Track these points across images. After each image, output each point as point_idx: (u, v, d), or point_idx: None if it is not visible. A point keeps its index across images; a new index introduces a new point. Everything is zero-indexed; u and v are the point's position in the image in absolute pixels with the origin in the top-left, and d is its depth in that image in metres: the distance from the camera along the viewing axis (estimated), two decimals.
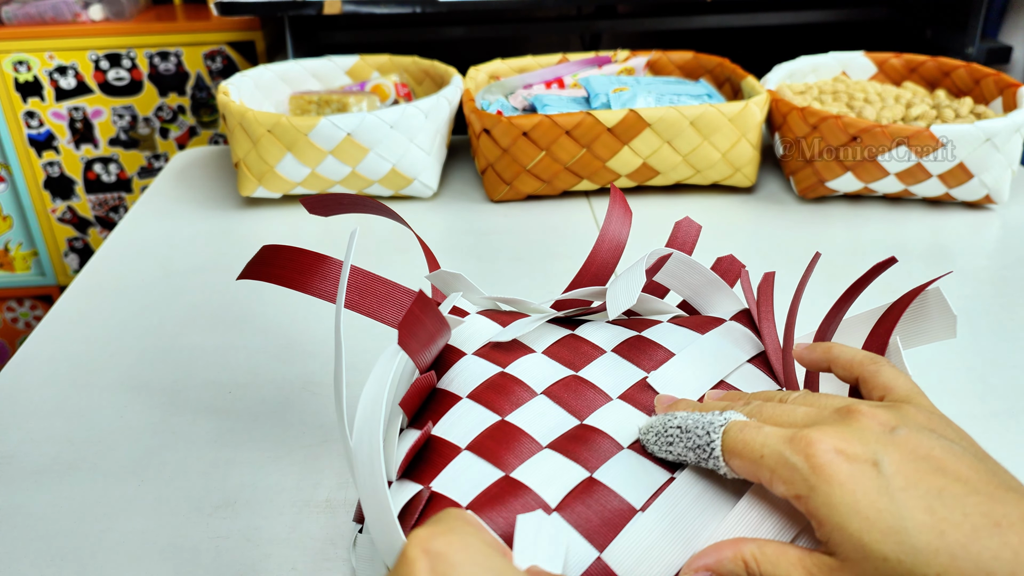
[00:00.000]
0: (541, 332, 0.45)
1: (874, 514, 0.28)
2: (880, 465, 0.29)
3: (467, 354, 0.43)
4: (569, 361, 0.43)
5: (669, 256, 0.46)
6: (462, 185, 0.93)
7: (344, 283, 0.37)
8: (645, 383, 0.41)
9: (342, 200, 0.45)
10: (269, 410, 0.56)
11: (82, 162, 1.55)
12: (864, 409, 0.32)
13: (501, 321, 0.46)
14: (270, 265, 0.41)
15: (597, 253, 0.49)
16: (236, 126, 0.82)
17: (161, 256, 0.78)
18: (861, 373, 0.37)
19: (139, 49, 1.46)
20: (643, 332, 0.45)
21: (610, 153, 0.82)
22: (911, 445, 0.30)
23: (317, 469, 0.50)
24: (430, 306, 0.37)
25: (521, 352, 0.43)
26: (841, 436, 0.30)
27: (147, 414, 0.56)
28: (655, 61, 1.02)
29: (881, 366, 0.37)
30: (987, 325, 0.64)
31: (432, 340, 0.39)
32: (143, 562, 0.44)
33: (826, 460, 0.29)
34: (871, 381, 0.36)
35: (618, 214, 0.50)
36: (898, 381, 0.36)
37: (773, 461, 0.31)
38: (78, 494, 0.49)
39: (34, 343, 0.64)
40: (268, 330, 0.65)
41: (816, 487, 0.29)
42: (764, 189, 0.90)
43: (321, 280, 0.41)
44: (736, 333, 0.45)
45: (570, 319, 0.47)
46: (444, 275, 0.47)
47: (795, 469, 0.30)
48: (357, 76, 1.01)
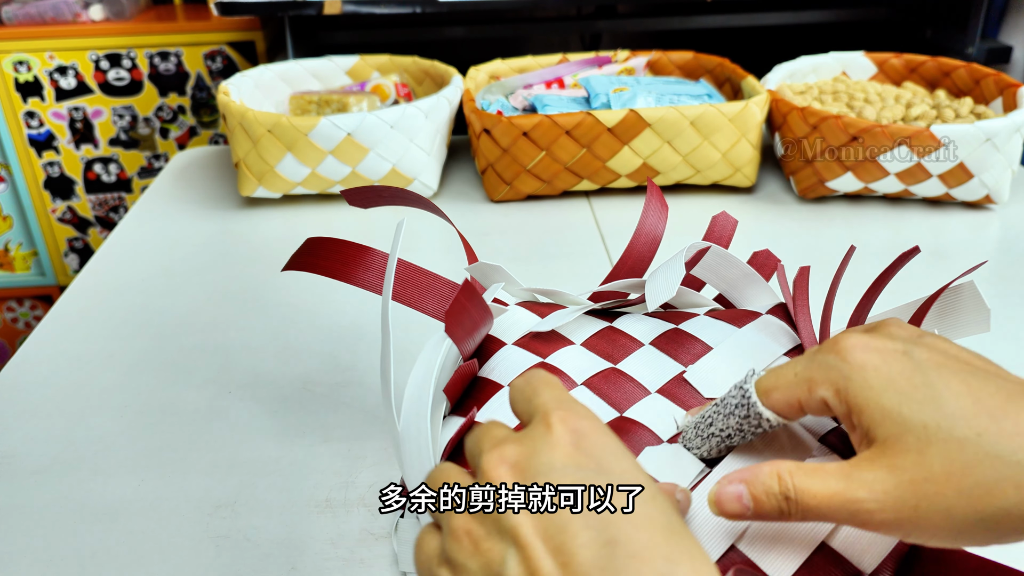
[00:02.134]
0: (579, 324, 0.45)
1: (910, 388, 0.29)
2: (910, 353, 0.30)
3: (507, 344, 0.44)
4: (608, 353, 0.43)
5: (707, 250, 0.46)
6: (462, 185, 0.93)
7: (391, 273, 0.38)
8: (682, 377, 0.41)
9: (382, 192, 0.46)
10: (269, 410, 0.56)
11: (82, 162, 1.55)
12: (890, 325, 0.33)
13: (540, 312, 0.46)
14: (315, 256, 0.43)
15: (634, 247, 0.49)
16: (236, 126, 0.82)
17: (161, 256, 0.78)
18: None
19: (139, 49, 1.46)
20: (680, 325, 0.45)
21: (610, 153, 0.82)
22: (939, 347, 0.31)
23: (317, 469, 0.50)
24: (476, 296, 0.38)
25: (560, 343, 0.43)
26: (870, 337, 0.31)
27: (147, 414, 0.56)
28: (655, 61, 1.02)
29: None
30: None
31: (476, 328, 0.40)
32: (143, 562, 0.44)
33: (859, 351, 0.31)
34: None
35: (655, 208, 0.50)
36: None
37: (807, 370, 0.32)
38: (78, 494, 0.49)
39: (34, 343, 0.64)
40: (268, 330, 0.65)
41: (851, 375, 0.30)
42: (764, 189, 0.90)
43: (364, 271, 0.42)
44: (773, 327, 0.45)
45: (608, 311, 0.47)
46: (484, 267, 0.48)
47: (830, 366, 0.31)
48: (357, 76, 1.01)
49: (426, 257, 0.52)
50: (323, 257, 0.43)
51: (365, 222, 0.83)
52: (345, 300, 0.68)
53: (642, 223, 0.49)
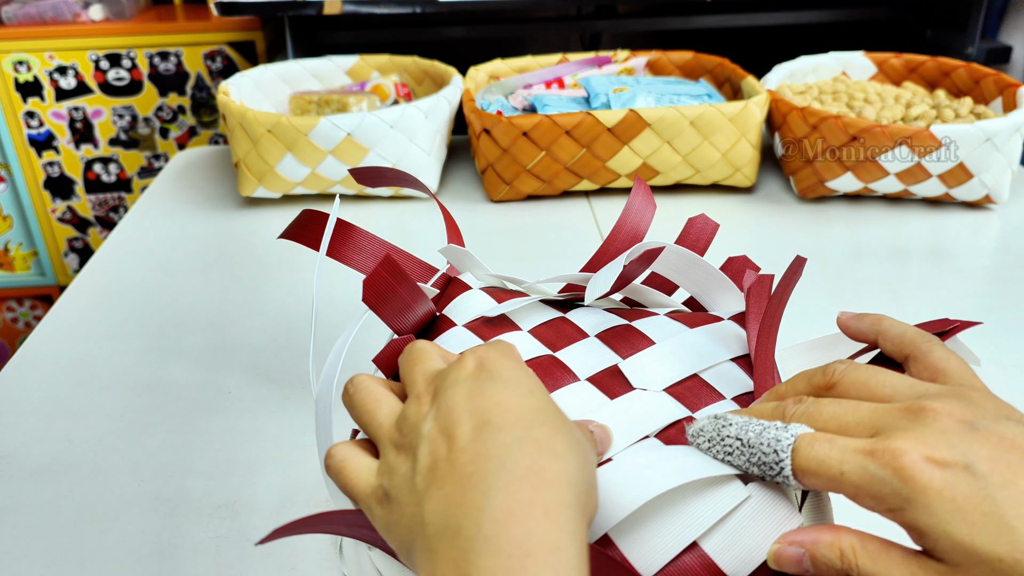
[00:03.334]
0: (532, 312, 0.46)
1: (980, 518, 0.27)
2: (972, 467, 0.28)
3: (457, 325, 0.44)
4: (550, 341, 0.43)
5: (662, 249, 0.46)
6: (462, 185, 0.93)
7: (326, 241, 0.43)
8: (616, 369, 0.41)
9: (387, 173, 0.50)
10: (269, 410, 0.56)
11: (82, 162, 1.55)
12: (936, 406, 0.30)
13: (499, 298, 0.47)
14: (305, 228, 0.46)
15: (611, 242, 0.49)
16: (236, 126, 0.82)
17: (161, 256, 0.78)
18: (912, 352, 0.35)
19: (139, 49, 1.46)
20: (634, 322, 0.45)
21: (610, 153, 0.82)
22: (995, 438, 0.29)
23: (317, 469, 0.50)
24: (399, 272, 0.41)
25: (506, 328, 0.44)
26: (925, 442, 0.29)
27: (147, 414, 0.56)
28: (655, 61, 1.02)
29: (934, 346, 0.35)
30: (987, 325, 0.64)
31: (405, 305, 0.42)
32: (143, 562, 0.44)
33: (918, 471, 0.28)
34: (922, 361, 0.35)
35: (639, 204, 0.50)
36: (951, 363, 0.34)
37: (857, 478, 0.29)
38: (78, 494, 0.49)
39: (34, 343, 0.64)
40: (268, 330, 0.65)
41: (912, 499, 0.28)
42: (764, 189, 0.90)
43: (343, 245, 0.46)
44: (726, 332, 0.44)
45: (572, 303, 0.48)
46: (455, 251, 0.49)
47: (885, 483, 0.29)
48: (357, 76, 1.01)
49: (430, 253, 0.52)
50: (310, 230, 0.46)
51: (365, 223, 0.83)
52: (345, 300, 0.68)
53: (623, 218, 0.49)
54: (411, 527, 0.29)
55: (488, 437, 0.29)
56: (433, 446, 0.30)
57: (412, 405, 0.32)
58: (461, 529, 0.27)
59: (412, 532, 0.29)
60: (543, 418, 0.30)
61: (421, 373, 0.34)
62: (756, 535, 0.32)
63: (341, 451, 0.34)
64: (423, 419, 0.31)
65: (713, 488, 0.33)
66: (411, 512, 0.29)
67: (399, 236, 0.81)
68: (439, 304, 0.47)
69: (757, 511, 0.33)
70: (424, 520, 0.28)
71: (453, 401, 0.31)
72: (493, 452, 0.28)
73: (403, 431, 0.32)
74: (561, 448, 0.29)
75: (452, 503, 0.28)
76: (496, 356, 0.33)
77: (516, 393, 0.31)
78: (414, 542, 0.29)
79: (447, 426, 0.30)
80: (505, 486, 0.27)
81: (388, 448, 0.32)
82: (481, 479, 0.28)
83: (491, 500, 0.27)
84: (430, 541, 0.28)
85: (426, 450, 0.30)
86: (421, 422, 0.31)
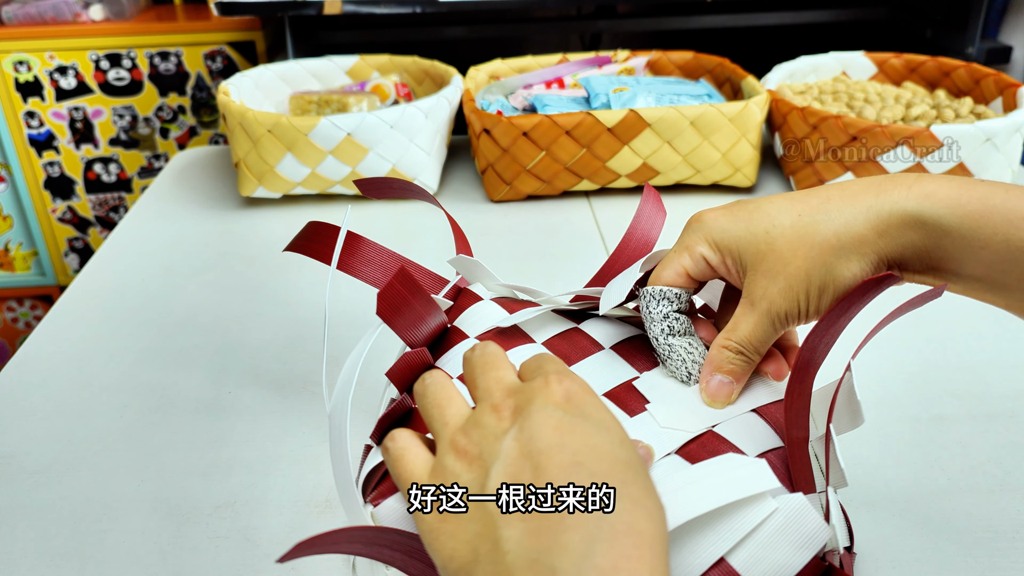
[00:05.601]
0: (546, 323, 0.45)
1: (746, 214, 0.40)
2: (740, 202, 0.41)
3: (469, 336, 0.44)
4: (564, 354, 0.43)
5: None
6: (462, 185, 0.93)
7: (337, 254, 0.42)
8: (631, 384, 0.41)
9: (392, 184, 0.49)
10: (269, 410, 0.56)
11: (82, 162, 1.55)
12: None
13: (510, 309, 0.46)
14: (312, 240, 0.45)
15: (623, 250, 0.49)
16: (236, 126, 0.82)
17: (161, 256, 0.78)
18: None
19: (139, 49, 1.46)
20: None
21: (610, 153, 0.82)
22: None
23: (317, 469, 0.50)
24: (413, 284, 0.40)
25: (520, 340, 0.44)
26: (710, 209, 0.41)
27: (147, 414, 0.56)
28: (655, 61, 1.02)
29: None
30: (987, 325, 0.64)
31: (418, 317, 0.41)
32: (143, 562, 0.44)
33: (705, 212, 0.41)
34: None
35: (649, 211, 0.49)
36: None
37: (679, 243, 0.42)
38: (78, 494, 0.49)
39: (34, 343, 0.64)
40: (268, 330, 0.65)
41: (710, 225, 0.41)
42: (764, 189, 0.90)
43: (351, 257, 0.45)
44: None
45: (584, 313, 0.47)
46: (464, 261, 0.48)
47: (693, 230, 0.41)
48: (357, 76, 1.01)
49: (431, 257, 0.52)
50: (318, 242, 0.45)
51: (365, 224, 0.83)
52: (346, 300, 0.68)
53: (633, 226, 0.49)
54: (476, 547, 0.28)
55: (583, 481, 0.28)
56: (514, 468, 0.29)
57: (488, 414, 0.31)
58: (557, 571, 0.26)
59: (477, 552, 0.28)
60: (634, 475, 0.29)
61: (496, 381, 0.33)
62: (784, 549, 0.32)
63: (403, 438, 0.34)
64: (502, 434, 0.30)
65: (740, 502, 0.33)
66: (477, 531, 0.28)
67: (400, 238, 0.81)
68: (450, 316, 0.46)
69: (784, 525, 0.32)
70: (501, 547, 0.27)
71: (541, 428, 0.29)
72: None
73: (472, 437, 0.31)
74: (654, 509, 0.28)
75: (543, 539, 0.27)
76: (582, 392, 0.32)
77: (608, 441, 0.30)
78: (478, 564, 0.28)
79: (533, 452, 0.29)
80: (608, 538, 0.26)
81: (448, 450, 0.31)
82: (579, 524, 0.27)
83: (595, 550, 0.26)
84: (511, 572, 0.27)
85: (504, 470, 0.29)
86: (500, 436, 0.30)
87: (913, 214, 0.36)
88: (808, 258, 0.37)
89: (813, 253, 0.37)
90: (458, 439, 0.31)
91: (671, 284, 0.41)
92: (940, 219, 0.36)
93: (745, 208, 0.39)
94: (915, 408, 0.55)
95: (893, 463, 0.50)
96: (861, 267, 0.37)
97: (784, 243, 0.38)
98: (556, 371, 0.32)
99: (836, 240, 0.37)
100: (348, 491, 0.36)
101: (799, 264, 0.37)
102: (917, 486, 0.48)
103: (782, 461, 0.36)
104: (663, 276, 0.41)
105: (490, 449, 0.30)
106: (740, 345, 0.39)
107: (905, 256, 0.37)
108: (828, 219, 0.37)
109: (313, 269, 0.71)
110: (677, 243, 0.41)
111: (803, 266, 0.37)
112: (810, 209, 0.38)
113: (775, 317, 0.38)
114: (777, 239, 0.38)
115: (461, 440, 0.31)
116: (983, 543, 0.44)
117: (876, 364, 0.59)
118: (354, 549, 0.32)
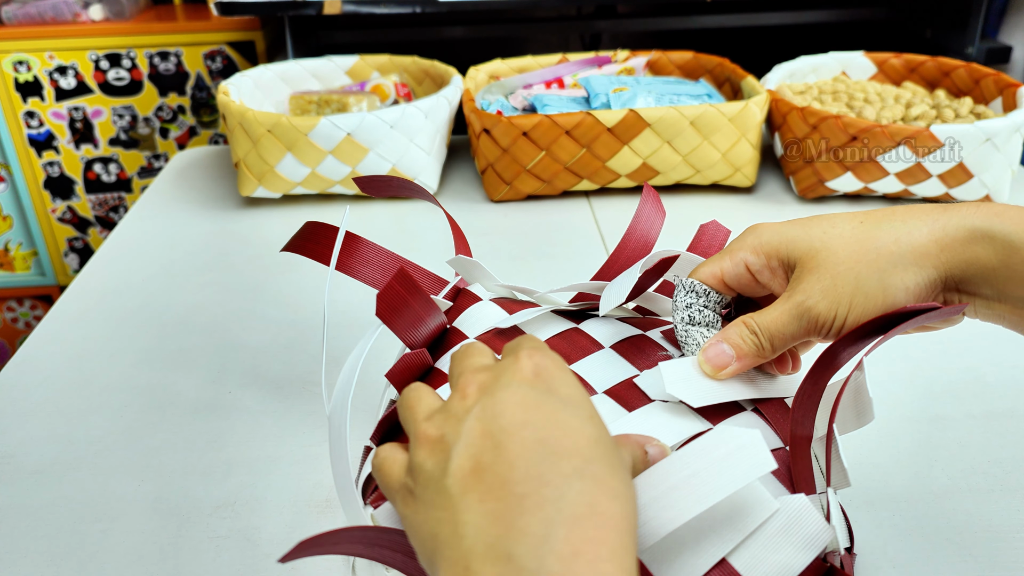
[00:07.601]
0: (546, 323, 0.45)
1: (801, 220, 0.40)
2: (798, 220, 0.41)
3: (469, 337, 0.44)
4: (565, 354, 0.43)
5: (676, 258, 0.46)
6: (462, 185, 0.93)
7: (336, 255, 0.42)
8: (632, 382, 0.41)
9: (391, 183, 0.49)
10: (269, 410, 0.56)
11: (82, 162, 1.55)
12: None
13: (510, 309, 0.46)
14: (309, 240, 0.45)
15: (622, 250, 0.49)
16: (236, 126, 0.82)
17: (161, 256, 0.78)
18: None
19: (139, 49, 1.46)
20: (649, 331, 0.44)
21: (610, 153, 0.82)
22: None
23: (317, 469, 0.50)
24: (412, 285, 0.39)
25: None
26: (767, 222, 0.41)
27: (147, 414, 0.56)
28: (655, 61, 1.02)
29: None
30: (987, 325, 0.63)
31: (417, 318, 0.41)
32: (143, 562, 0.44)
33: (759, 223, 0.41)
34: None
35: (648, 212, 0.49)
36: None
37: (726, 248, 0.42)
38: (78, 494, 0.49)
39: (34, 343, 0.64)
40: (268, 330, 0.65)
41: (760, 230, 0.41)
42: (764, 189, 0.90)
43: (349, 258, 0.45)
44: None
45: (584, 313, 0.47)
46: (463, 261, 0.48)
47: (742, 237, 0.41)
48: (357, 76, 1.01)
49: (430, 257, 0.52)
50: (315, 242, 0.45)
51: (364, 223, 0.83)
52: (346, 300, 0.68)
53: (633, 226, 0.49)
54: (436, 533, 0.27)
55: (545, 460, 0.27)
56: (474, 449, 0.27)
57: (454, 397, 0.30)
58: (514, 557, 0.25)
59: (437, 539, 0.27)
60: (601, 452, 0.28)
61: (469, 366, 0.32)
62: (786, 550, 0.32)
63: (384, 449, 0.33)
64: (465, 413, 0.29)
65: (741, 503, 0.32)
66: (438, 516, 0.27)
67: (398, 237, 0.81)
68: (450, 316, 0.46)
69: (786, 526, 0.32)
70: (460, 531, 0.26)
71: (504, 405, 0.28)
72: (551, 479, 0.26)
73: (436, 422, 0.29)
74: (620, 488, 0.27)
75: (501, 523, 0.26)
76: (553, 367, 0.30)
77: (576, 416, 0.28)
78: (438, 550, 0.27)
79: (495, 431, 0.27)
80: (568, 521, 0.25)
81: (416, 443, 0.30)
82: (538, 507, 0.25)
83: (554, 534, 0.25)
84: (468, 559, 0.25)
85: (465, 451, 0.27)
86: (462, 417, 0.29)
87: (982, 229, 0.35)
88: (862, 261, 0.36)
89: (869, 257, 0.36)
90: (423, 428, 0.30)
91: (704, 282, 0.41)
92: (1010, 235, 0.34)
93: (806, 217, 0.39)
94: (915, 408, 0.55)
95: (893, 463, 0.50)
96: (917, 280, 0.35)
97: (840, 243, 0.37)
98: (529, 347, 0.31)
99: (895, 246, 0.36)
100: (348, 492, 0.36)
101: (850, 265, 0.36)
102: (917, 486, 0.48)
103: (783, 462, 0.36)
104: (699, 272, 0.41)
105: (452, 431, 0.28)
106: (758, 326, 0.38)
107: (968, 274, 0.35)
108: (891, 227, 0.36)
109: (313, 269, 0.71)
110: (725, 247, 0.41)
111: (855, 268, 0.36)
112: (872, 218, 0.37)
113: (804, 311, 0.37)
114: (834, 239, 0.37)
115: (426, 427, 0.30)
116: (983, 543, 0.44)
117: (876, 364, 0.59)
118: (354, 550, 0.32)
